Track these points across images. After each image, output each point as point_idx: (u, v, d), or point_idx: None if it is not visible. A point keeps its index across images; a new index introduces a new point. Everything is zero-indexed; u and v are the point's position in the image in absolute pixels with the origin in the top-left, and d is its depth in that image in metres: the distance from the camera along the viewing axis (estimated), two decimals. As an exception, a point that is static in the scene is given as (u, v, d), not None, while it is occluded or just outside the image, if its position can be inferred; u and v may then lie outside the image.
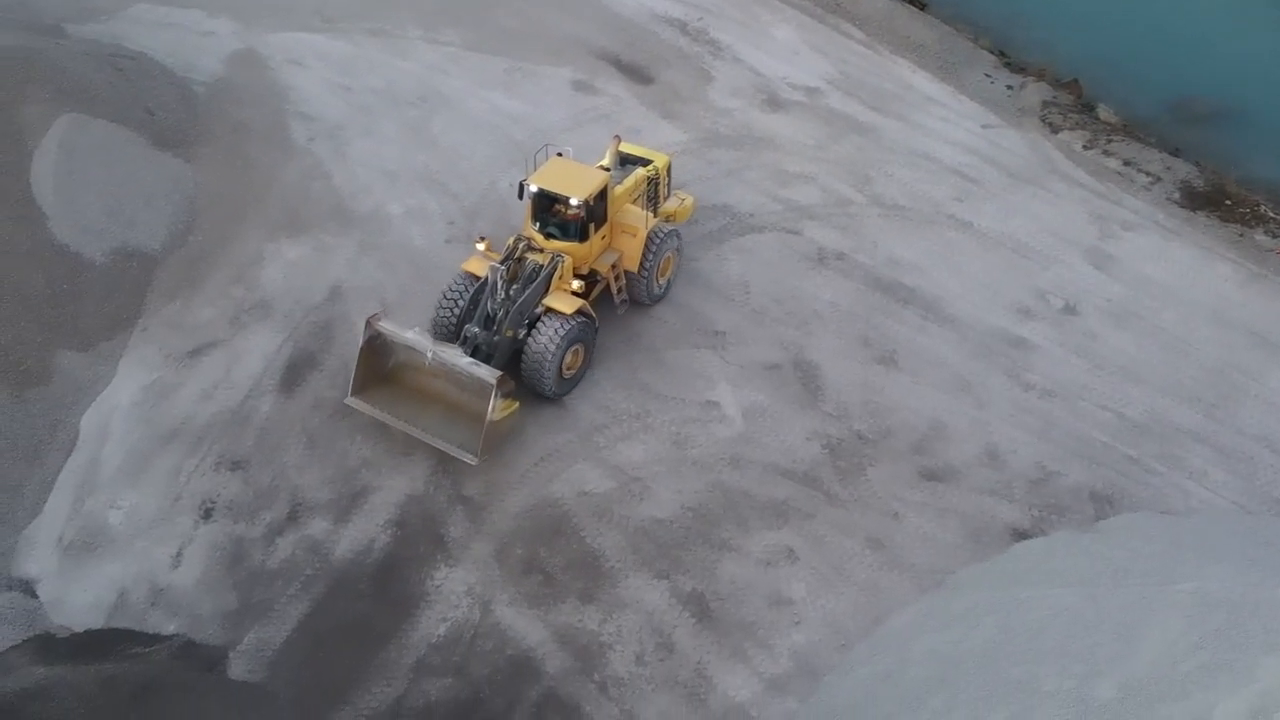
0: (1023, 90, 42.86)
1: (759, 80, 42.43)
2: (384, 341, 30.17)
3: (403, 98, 40.63)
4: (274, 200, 36.32)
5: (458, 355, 29.18)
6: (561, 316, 30.46)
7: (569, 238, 31.72)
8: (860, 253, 35.54)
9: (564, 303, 30.65)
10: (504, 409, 29.13)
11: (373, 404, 30.02)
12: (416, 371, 30.24)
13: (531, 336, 30.34)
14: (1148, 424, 31.20)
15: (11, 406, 29.92)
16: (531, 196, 31.53)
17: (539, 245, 31.57)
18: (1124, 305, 34.40)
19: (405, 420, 29.69)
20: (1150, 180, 38.90)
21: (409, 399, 30.26)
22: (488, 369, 28.84)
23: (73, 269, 32.79)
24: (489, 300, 30.26)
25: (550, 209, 31.85)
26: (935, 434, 30.70)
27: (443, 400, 30.15)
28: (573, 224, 31.71)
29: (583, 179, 31.55)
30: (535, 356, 30.16)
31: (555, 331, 30.19)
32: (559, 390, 31.01)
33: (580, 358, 31.31)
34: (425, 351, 29.26)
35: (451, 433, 29.39)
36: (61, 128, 34.92)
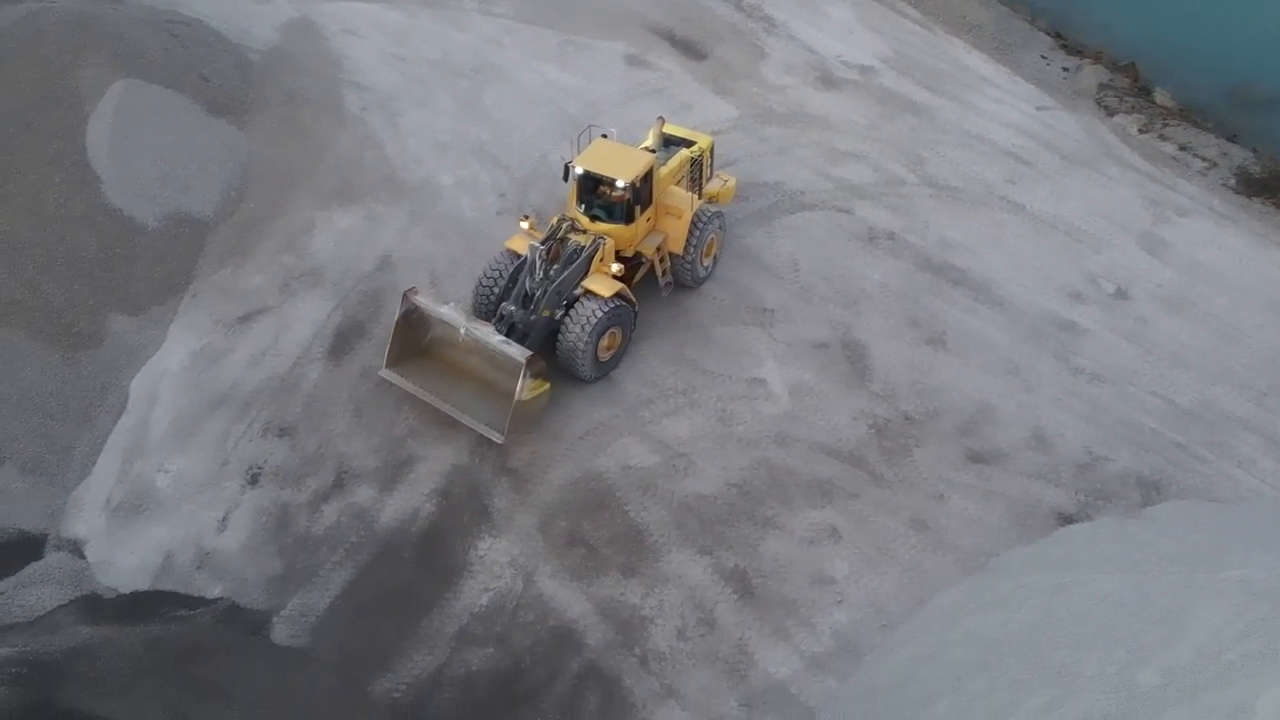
0: (1079, 72, 42.50)
1: (813, 58, 42.24)
2: (421, 315, 30.25)
3: (456, 69, 40.64)
4: (326, 169, 36.43)
5: (490, 333, 29.14)
6: (599, 299, 30.35)
7: (614, 220, 31.68)
8: (911, 233, 35.37)
9: (603, 285, 30.54)
10: (533, 389, 29.06)
11: (407, 377, 30.11)
12: (452, 347, 30.37)
13: (568, 318, 30.26)
14: (1197, 411, 30.97)
15: (63, 368, 30.17)
16: (577, 178, 31.46)
17: (583, 226, 31.48)
18: (1176, 291, 34.11)
19: (437, 395, 29.75)
20: (1206, 165, 38.54)
21: (443, 374, 30.31)
22: (518, 348, 28.79)
23: (126, 233, 33.01)
24: (527, 279, 30.21)
25: (595, 191, 31.77)
26: (983, 416, 30.56)
27: (476, 377, 30.19)
28: (618, 206, 31.63)
29: (628, 161, 31.46)
30: (571, 338, 30.12)
31: (592, 314, 30.08)
32: (594, 373, 30.96)
33: (617, 341, 31.19)
34: (459, 327, 29.28)
35: (481, 410, 29.40)
36: (117, 93, 35.08)
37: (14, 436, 28.58)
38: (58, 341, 30.57)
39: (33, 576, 26.54)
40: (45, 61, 34.87)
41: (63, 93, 34.54)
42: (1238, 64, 42.95)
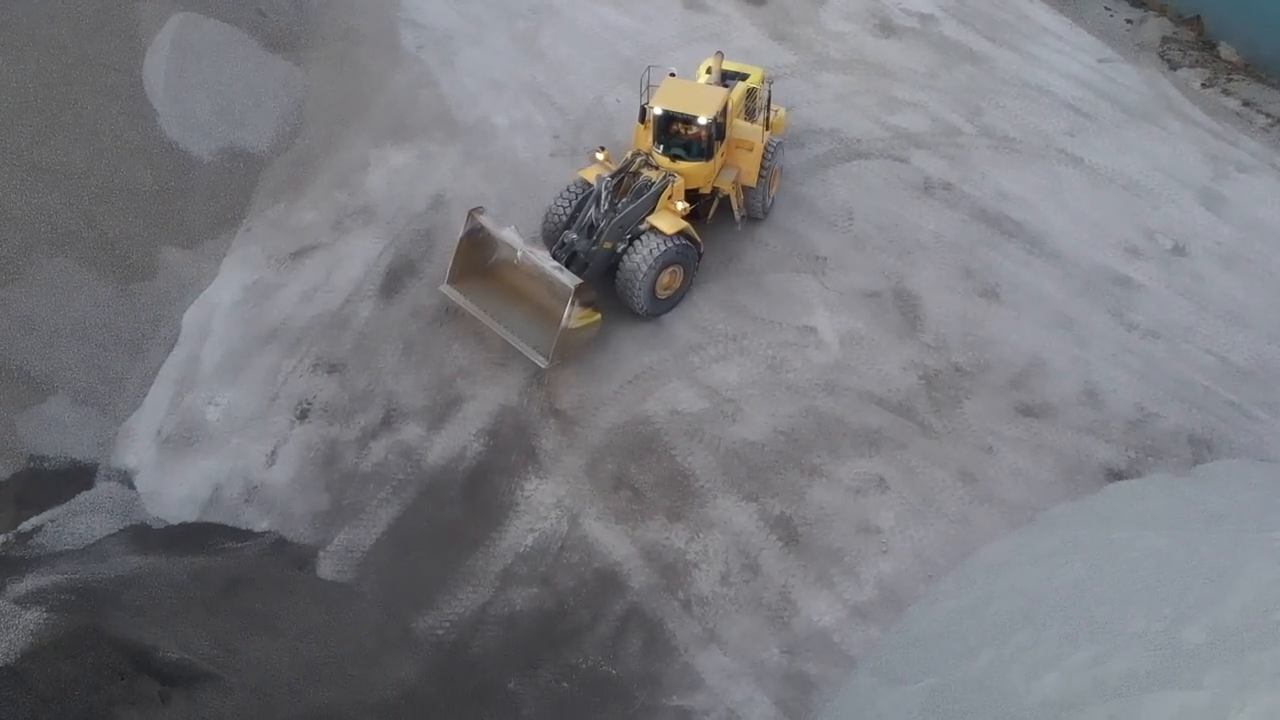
0: (1142, 25, 41.92)
1: (873, 4, 41.84)
2: (486, 236, 30.44)
3: (513, 9, 40.48)
4: (381, 107, 36.40)
5: (545, 258, 29.39)
6: (662, 235, 30.41)
7: (693, 157, 31.86)
8: (967, 184, 35.07)
9: (667, 222, 30.60)
10: (582, 318, 29.18)
11: (465, 295, 30.30)
12: (512, 270, 30.55)
13: (629, 252, 30.37)
14: (1252, 370, 30.63)
15: (117, 300, 30.36)
16: (655, 118, 31.49)
17: (656, 163, 31.48)
18: (1234, 248, 33.70)
19: (489, 315, 29.95)
20: (1269, 122, 37.99)
21: (501, 296, 30.51)
22: (569, 275, 28.97)
23: (181, 166, 33.13)
24: (593, 209, 30.32)
25: (670, 129, 31.77)
26: (1034, 370, 30.34)
27: (531, 302, 30.32)
28: (695, 143, 31.73)
29: (706, 97, 31.74)
30: (629, 272, 30.25)
31: (652, 250, 30.18)
32: (651, 309, 31.02)
33: (678, 279, 31.19)
34: (516, 249, 29.46)
35: (531, 334, 29.57)
36: (174, 26, 35.16)
37: (66, 366, 28.79)
38: (111, 273, 30.73)
39: (83, 505, 26.80)
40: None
41: (121, 24, 34.63)
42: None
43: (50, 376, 28.52)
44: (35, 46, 33.32)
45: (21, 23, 33.61)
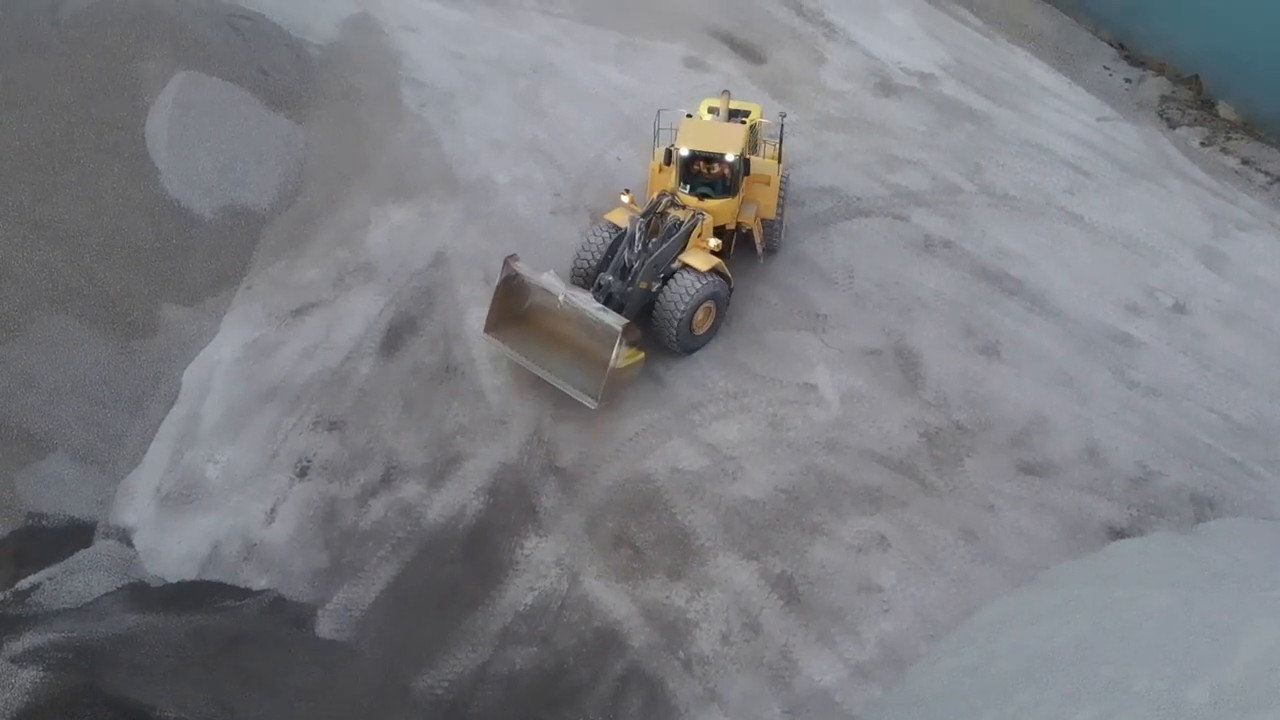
0: (1141, 84, 42.09)
1: (872, 64, 42.00)
2: (520, 282, 30.63)
3: (514, 68, 40.65)
4: (382, 165, 36.52)
5: (588, 300, 29.73)
6: (696, 273, 30.94)
7: (719, 194, 32.60)
8: (967, 241, 35.12)
9: (700, 259, 31.19)
10: (628, 357, 29.54)
11: (505, 342, 30.57)
12: (549, 314, 30.85)
13: (664, 290, 30.84)
14: (1254, 427, 30.60)
15: (117, 357, 30.38)
16: (682, 159, 32.17)
17: (683, 203, 32.09)
18: (1235, 306, 33.72)
19: (532, 360, 30.21)
20: (1269, 180, 38.08)
21: (539, 340, 30.79)
22: (615, 316, 29.37)
23: (182, 224, 33.21)
24: (626, 251, 30.69)
25: (694, 168, 32.60)
26: (1035, 427, 30.30)
27: (571, 344, 30.60)
28: (720, 180, 32.67)
29: (729, 135, 32.48)
30: (666, 310, 30.62)
31: (688, 287, 30.65)
32: (687, 346, 31.43)
33: (711, 316, 31.59)
34: (558, 294, 29.81)
35: (575, 376, 29.98)
36: (177, 84, 35.30)
37: (66, 424, 28.79)
38: (112, 330, 30.77)
39: (81, 563, 26.73)
40: (108, 52, 35.11)
41: (124, 83, 34.79)
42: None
43: (50, 434, 28.51)
44: (38, 105, 33.46)
45: (25, 82, 33.76)
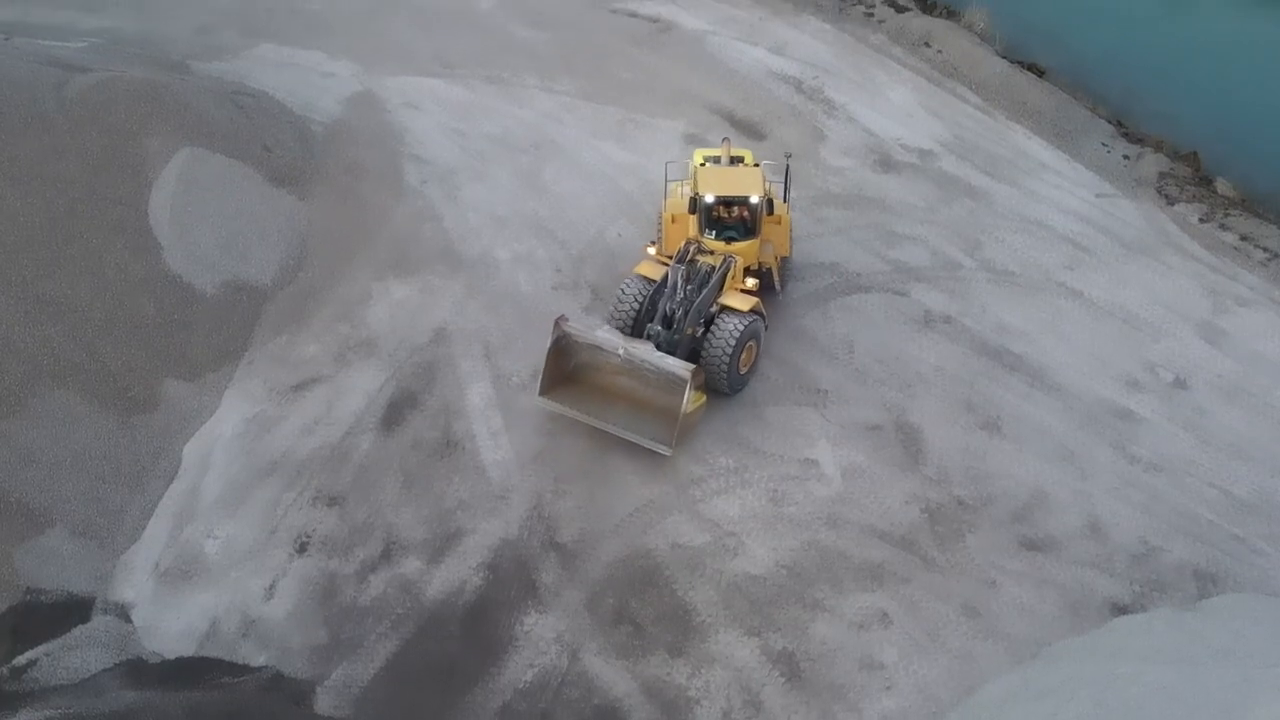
0: (1139, 160, 42.28)
1: (872, 140, 42.25)
2: (569, 342, 31.05)
3: (516, 144, 40.91)
4: (384, 240, 36.67)
5: (649, 350, 30.45)
6: (739, 314, 31.87)
7: (743, 236, 33.60)
8: (967, 317, 35.18)
9: (739, 300, 32.15)
10: (694, 401, 30.03)
11: (560, 402, 31.11)
12: (596, 370, 31.57)
13: (710, 334, 31.55)
14: (1256, 503, 30.51)
15: (118, 432, 30.42)
16: (706, 206, 33.12)
17: (709, 248, 32.98)
18: (1235, 382, 33.71)
19: (594, 416, 30.83)
20: (1268, 256, 38.16)
21: (594, 396, 31.41)
22: (681, 362, 30.23)
23: (184, 299, 33.34)
24: (668, 300, 31.37)
25: (716, 214, 33.55)
26: (1037, 503, 30.23)
27: (627, 397, 31.34)
28: (742, 223, 33.69)
29: (748, 178, 33.71)
30: (716, 353, 31.36)
31: (733, 328, 31.43)
32: (735, 386, 32.10)
33: (753, 354, 32.43)
34: (617, 349, 30.56)
35: (642, 426, 30.58)
36: (181, 161, 35.56)
37: (66, 499, 28.80)
38: (113, 405, 30.84)
39: (79, 639, 26.66)
40: (112, 129, 35.38)
41: (128, 160, 35.02)
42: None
43: (49, 509, 28.52)
44: (43, 181, 33.66)
45: (30, 158, 33.98)
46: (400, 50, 45.31)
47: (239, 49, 44.69)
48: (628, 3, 48.84)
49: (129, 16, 46.40)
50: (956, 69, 46.12)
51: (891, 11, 49.34)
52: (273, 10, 47.58)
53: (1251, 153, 42.43)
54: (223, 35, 45.68)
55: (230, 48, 44.70)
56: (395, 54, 45.04)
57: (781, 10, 48.91)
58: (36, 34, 43.28)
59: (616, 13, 47.87)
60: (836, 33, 47.77)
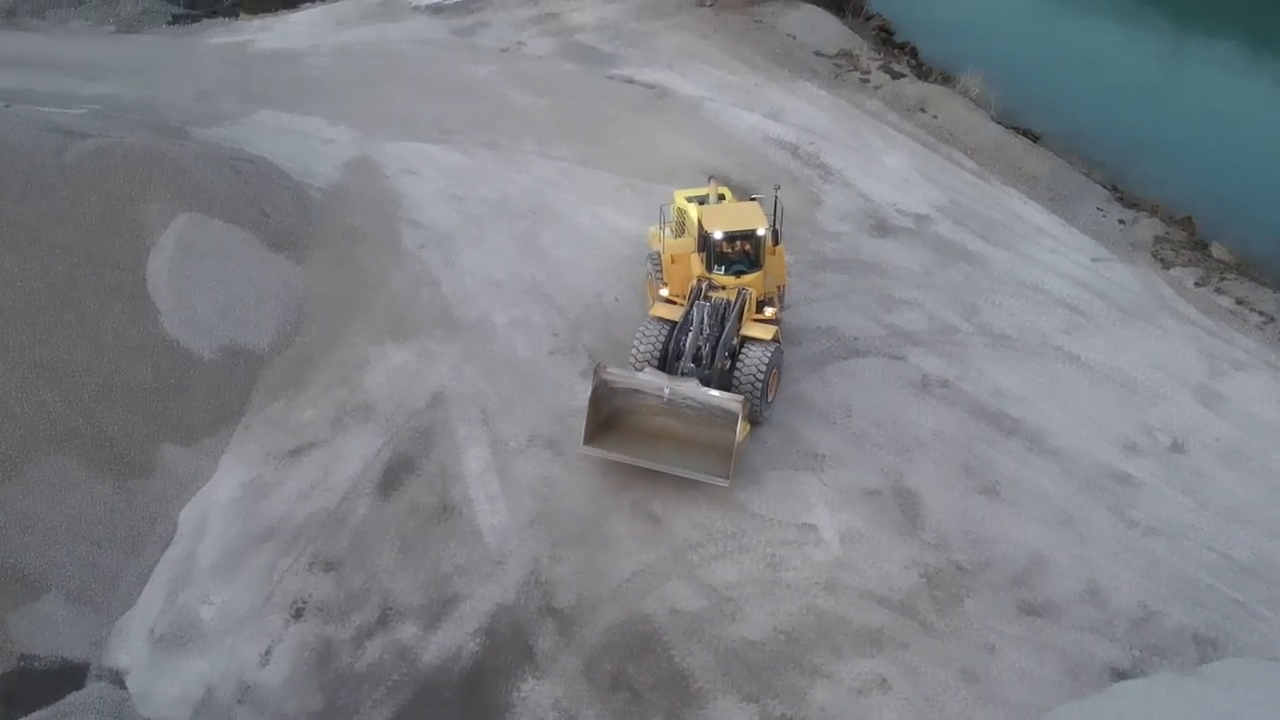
0: (1135, 225, 42.45)
1: (868, 205, 42.43)
2: (606, 389, 31.55)
3: (514, 209, 41.07)
4: (382, 305, 36.74)
5: (695, 388, 31.09)
6: (763, 343, 32.78)
7: (751, 268, 34.49)
8: (965, 381, 35.20)
9: (762, 330, 33.10)
10: (742, 430, 30.74)
11: (606, 449, 31.52)
12: (633, 414, 32.13)
13: (739, 365, 32.39)
14: (1255, 567, 30.40)
15: (113, 497, 30.38)
16: (715, 243, 33.93)
17: (719, 284, 33.76)
18: (1233, 445, 33.68)
19: (644, 458, 31.30)
20: (1264, 320, 38.25)
21: (635, 439, 31.84)
22: (729, 395, 30.98)
23: (182, 364, 33.38)
24: (693, 337, 32.01)
25: (722, 250, 34.24)
26: (1036, 567, 30.12)
27: (669, 436, 31.86)
28: (746, 256, 34.51)
29: (750, 213, 34.63)
30: (747, 383, 32.13)
31: (760, 359, 32.32)
32: (763, 413, 32.98)
33: (777, 380, 33.61)
34: (661, 390, 31.23)
35: (693, 462, 31.15)
36: (179, 226, 35.72)
37: (61, 564, 28.73)
38: (109, 470, 30.81)
39: (73, 706, 26.45)
40: (111, 194, 35.56)
41: (126, 225, 35.19)
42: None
43: (44, 574, 28.43)
44: (41, 247, 33.79)
45: (29, 224, 34.15)
46: (398, 116, 45.62)
47: (238, 115, 45.01)
48: (625, 69, 49.25)
49: (129, 83, 46.77)
50: (952, 134, 46.41)
51: (887, 77, 49.73)
52: (272, 77, 47.99)
53: (1246, 217, 42.72)
54: (222, 101, 46.03)
55: (229, 114, 45.02)
56: (393, 120, 45.35)
57: (777, 76, 49.27)
58: (37, 100, 43.62)
59: (614, 79, 48.23)
60: (832, 98, 48.12)
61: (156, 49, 50.44)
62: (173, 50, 50.46)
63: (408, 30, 52.36)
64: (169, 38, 51.65)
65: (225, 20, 53.05)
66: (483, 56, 50.28)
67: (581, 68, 49.44)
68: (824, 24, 53.24)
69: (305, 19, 53.39)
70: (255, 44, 51.19)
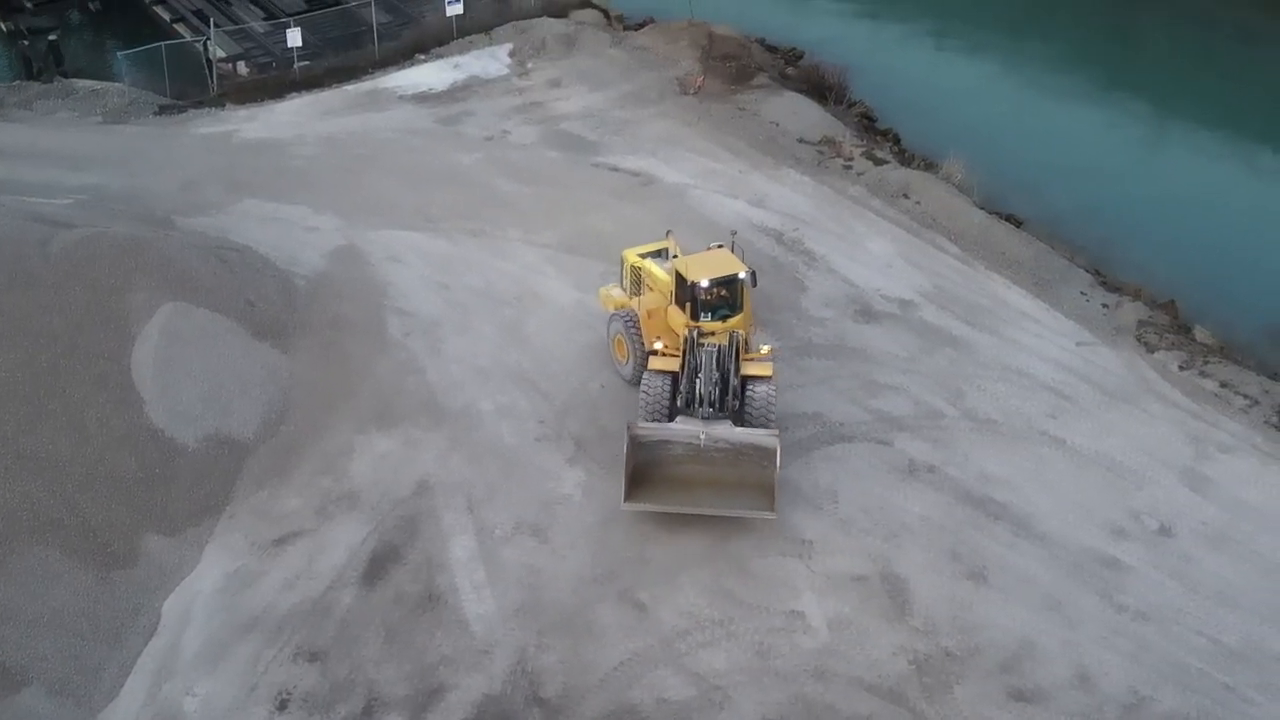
0: (1118, 309, 42.61)
1: (852, 291, 42.57)
2: (636, 445, 32.45)
3: (499, 296, 41.15)
4: (367, 393, 36.71)
5: (729, 429, 32.66)
6: (767, 380, 34.31)
7: (734, 312, 35.75)
8: (951, 466, 35.18)
9: (762, 368, 34.61)
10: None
11: (646, 502, 32.34)
12: (659, 465, 32.98)
13: (749, 402, 33.90)
14: (1244, 652, 30.28)
15: (97, 588, 30.19)
16: (702, 291, 34.96)
17: (708, 330, 34.91)
18: (1220, 529, 33.65)
19: (686, 505, 32.33)
20: (1248, 403, 38.32)
21: (670, 488, 32.70)
22: (764, 431, 32.85)
23: (166, 454, 33.27)
24: (706, 382, 33.38)
25: (704, 298, 35.24)
26: (1025, 653, 29.97)
27: (700, 481, 32.83)
28: (726, 301, 35.71)
29: (725, 259, 36.06)
30: (760, 417, 33.72)
31: (768, 393, 34.07)
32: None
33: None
34: (697, 436, 32.53)
35: (734, 501, 32.43)
36: (164, 315, 35.76)
37: (43, 657, 28.46)
38: (92, 561, 30.66)
39: (56, 800, 26.20)
40: (96, 284, 35.62)
41: (111, 314, 35.20)
42: (1277, 303, 43.15)
43: (26, 667, 28.18)
44: (26, 336, 33.81)
45: (14, 313, 34.22)
46: (384, 204, 45.79)
47: (223, 204, 45.18)
48: (610, 157, 49.52)
49: (115, 173, 46.95)
50: (935, 220, 46.66)
51: (870, 164, 50.03)
52: (257, 167, 48.20)
53: (1229, 300, 42.99)
54: (208, 191, 46.20)
55: (215, 203, 45.19)
56: (379, 208, 45.51)
57: (761, 164, 49.56)
58: (24, 191, 43.76)
59: (598, 167, 48.49)
60: (816, 185, 48.40)
61: (143, 139, 50.62)
62: (159, 140, 50.65)
63: (393, 119, 52.63)
64: (155, 128, 51.83)
65: (211, 110, 53.23)
66: (468, 145, 50.51)
67: (566, 155, 49.70)
68: (807, 111, 53.59)
69: (291, 109, 53.63)
70: (241, 134, 51.41)
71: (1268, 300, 43.42)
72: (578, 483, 34.00)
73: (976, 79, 60.31)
